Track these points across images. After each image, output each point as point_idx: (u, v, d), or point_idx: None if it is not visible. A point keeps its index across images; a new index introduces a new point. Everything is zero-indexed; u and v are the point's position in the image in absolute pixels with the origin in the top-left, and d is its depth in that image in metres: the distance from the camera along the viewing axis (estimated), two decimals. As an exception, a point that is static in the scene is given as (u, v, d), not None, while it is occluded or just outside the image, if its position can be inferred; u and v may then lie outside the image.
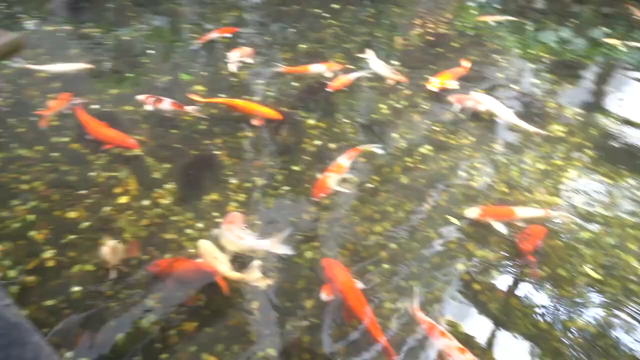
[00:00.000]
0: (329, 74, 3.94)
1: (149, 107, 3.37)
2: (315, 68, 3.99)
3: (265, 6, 5.40)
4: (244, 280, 2.33)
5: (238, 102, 3.51)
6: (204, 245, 2.47)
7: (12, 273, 2.36)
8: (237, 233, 2.51)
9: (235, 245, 2.48)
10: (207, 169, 3.10)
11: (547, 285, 2.56)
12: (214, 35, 4.48)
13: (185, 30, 4.74)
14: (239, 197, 2.89)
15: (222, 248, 2.47)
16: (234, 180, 3.00)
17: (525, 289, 2.54)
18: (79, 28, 4.47)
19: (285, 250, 2.47)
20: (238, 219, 2.63)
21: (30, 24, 4.23)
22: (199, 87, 3.76)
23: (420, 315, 2.29)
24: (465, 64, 4.19)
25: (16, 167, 2.92)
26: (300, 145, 3.31)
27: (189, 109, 3.39)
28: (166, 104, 3.38)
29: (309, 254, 2.58)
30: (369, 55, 4.20)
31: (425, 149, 3.39)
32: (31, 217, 2.65)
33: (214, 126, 3.40)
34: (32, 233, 2.57)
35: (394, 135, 3.48)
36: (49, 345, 1.49)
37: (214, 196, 2.89)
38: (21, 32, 3.60)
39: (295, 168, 3.13)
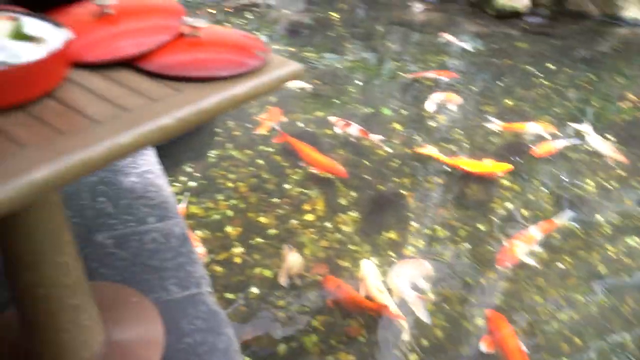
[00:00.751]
0: (543, 136, 3.74)
1: (337, 130, 3.58)
2: (532, 128, 3.81)
3: (474, 55, 5.34)
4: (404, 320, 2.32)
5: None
6: (367, 270, 2.51)
7: (205, 259, 2.63)
8: (404, 277, 2.51)
9: (395, 287, 2.48)
10: (391, 207, 3.12)
11: None
12: (428, 74, 4.54)
13: (392, 67, 4.89)
14: (417, 242, 2.85)
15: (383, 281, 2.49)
16: (414, 224, 2.97)
17: None
18: (299, 51, 4.89)
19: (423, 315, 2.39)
20: (415, 266, 2.60)
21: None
22: (397, 125, 3.83)
23: None
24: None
25: (226, 165, 3.27)
26: (490, 204, 3.16)
27: (374, 137, 3.51)
28: (354, 129, 3.57)
29: (479, 322, 2.43)
30: (585, 125, 3.88)
31: (634, 241, 2.99)
32: (230, 213, 2.93)
33: (405, 165, 3.42)
34: (228, 228, 2.83)
35: (598, 217, 3.14)
36: (238, 341, 1.59)
37: (392, 235, 2.89)
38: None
39: (481, 227, 2.99)
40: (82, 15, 1.16)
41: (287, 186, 3.16)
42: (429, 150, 3.53)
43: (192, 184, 3.11)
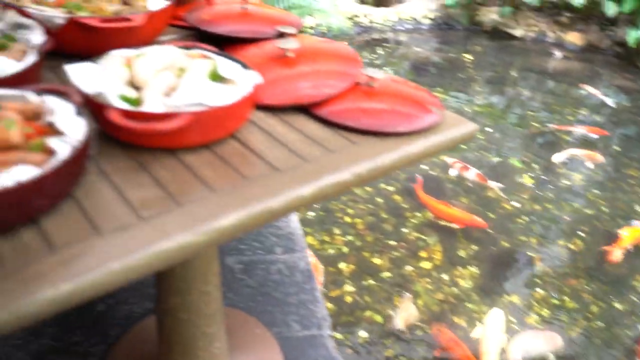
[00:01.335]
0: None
1: (454, 172, 3.45)
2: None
3: (617, 112, 4.92)
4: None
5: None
6: (494, 323, 2.33)
7: (317, 293, 2.60)
8: (530, 348, 2.30)
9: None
10: (515, 267, 2.91)
11: None
12: (576, 129, 4.26)
13: (524, 115, 4.65)
14: (542, 311, 2.62)
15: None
16: (540, 291, 2.73)
17: None
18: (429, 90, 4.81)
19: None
20: (545, 338, 2.38)
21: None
22: (526, 179, 3.60)
23: None
24: None
25: (346, 200, 3.25)
26: (631, 281, 2.83)
27: (493, 184, 3.34)
28: (471, 173, 3.44)
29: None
30: None
31: None
32: (345, 249, 2.89)
33: (534, 224, 3.19)
34: (342, 264, 2.79)
35: None
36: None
37: (515, 299, 2.68)
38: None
39: (618, 306, 2.68)
40: (263, 56, 1.19)
41: (404, 229, 3.06)
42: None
43: (311, 214, 3.13)
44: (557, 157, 3.86)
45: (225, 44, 1.34)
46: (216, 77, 0.96)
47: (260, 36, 1.32)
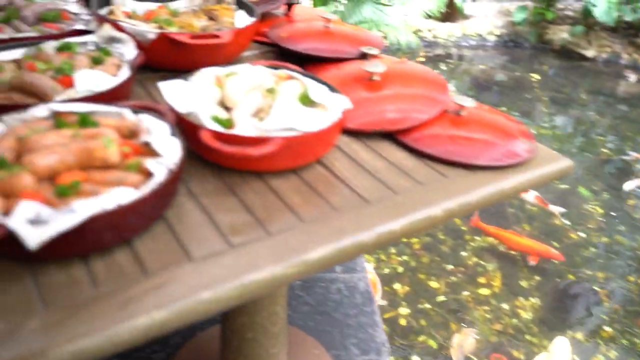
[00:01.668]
0: None
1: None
2: None
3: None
4: None
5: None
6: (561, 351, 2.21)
7: (370, 312, 2.55)
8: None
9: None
10: (580, 302, 2.76)
11: None
12: None
13: (592, 140, 4.44)
14: (609, 352, 2.46)
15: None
16: (608, 329, 2.58)
17: None
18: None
19: None
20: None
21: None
22: (596, 208, 3.42)
23: None
24: None
25: (403, 218, 3.19)
26: None
27: (554, 209, 3.24)
28: (530, 195, 3.33)
29: None
30: None
31: None
32: (400, 269, 2.83)
33: (602, 257, 3.02)
34: (397, 285, 2.73)
35: None
36: None
37: (579, 335, 2.54)
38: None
39: (694, 353, 2.49)
40: (347, 77, 1.17)
41: (463, 253, 2.97)
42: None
43: (367, 230, 3.09)
44: (628, 186, 3.66)
45: (306, 62, 1.33)
46: (307, 100, 0.94)
47: (342, 56, 1.30)
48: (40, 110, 0.80)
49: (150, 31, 1.13)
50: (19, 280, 0.65)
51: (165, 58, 1.18)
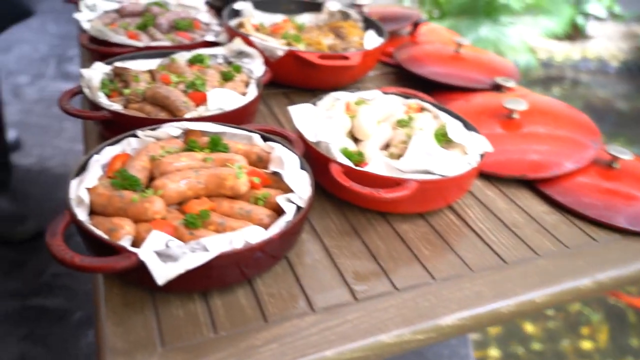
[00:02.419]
0: None
1: None
2: None
3: None
4: None
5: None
6: None
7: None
8: None
9: None
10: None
11: None
12: None
13: None
14: None
15: None
16: None
17: None
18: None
19: None
20: None
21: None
22: None
23: None
24: None
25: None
26: None
27: None
28: None
29: None
30: None
31: None
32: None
33: None
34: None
35: None
36: None
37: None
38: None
39: None
40: (480, 111, 1.07)
41: (566, 297, 2.73)
42: None
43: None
44: None
45: (433, 89, 1.25)
46: (444, 139, 0.86)
47: (474, 86, 1.21)
48: (173, 129, 0.79)
49: (280, 48, 1.11)
50: (141, 309, 0.63)
51: (292, 75, 1.15)
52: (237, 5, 1.33)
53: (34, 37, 3.61)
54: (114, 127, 0.88)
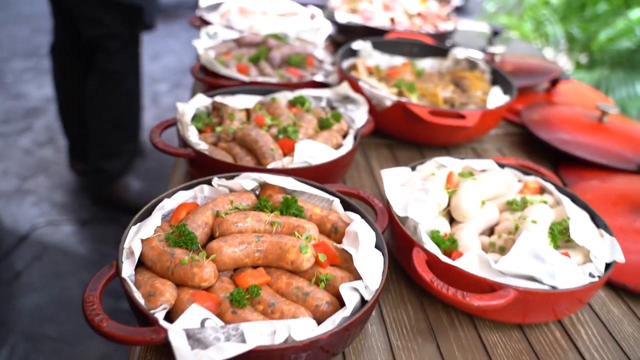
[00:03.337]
0: None
1: None
2: None
3: None
4: None
5: None
6: None
7: None
8: None
9: None
10: None
11: None
12: None
13: None
14: None
15: None
16: None
17: None
18: None
19: None
20: None
21: None
22: None
23: None
24: None
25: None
26: None
27: None
28: None
29: None
30: None
31: None
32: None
33: None
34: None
35: None
36: None
37: None
38: None
39: None
40: (621, 200, 0.88)
41: None
42: None
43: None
44: None
45: (562, 160, 1.07)
46: (562, 236, 0.70)
47: (615, 165, 1.01)
48: (249, 181, 0.73)
49: (388, 97, 1.01)
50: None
51: (399, 127, 1.04)
52: (355, 45, 1.26)
53: (181, 49, 3.88)
54: (199, 166, 0.85)
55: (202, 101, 0.97)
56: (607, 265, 0.68)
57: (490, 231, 0.76)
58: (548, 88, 1.37)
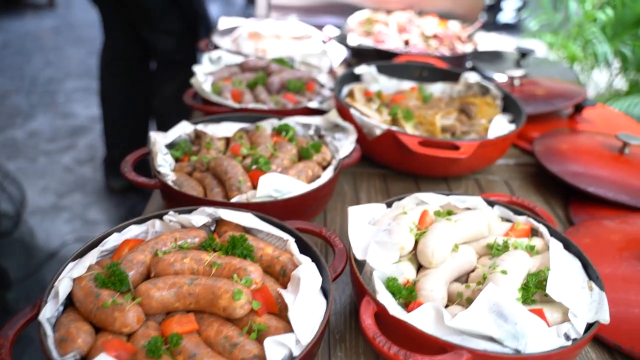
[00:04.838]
0: None
1: None
2: None
3: None
4: None
5: None
6: None
7: None
8: None
9: None
10: None
11: None
12: None
13: None
14: None
15: None
16: None
17: None
18: None
19: None
20: None
21: None
22: None
23: None
24: None
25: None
26: None
27: None
28: None
29: None
30: None
31: None
32: None
33: None
34: None
35: None
36: None
37: None
38: None
39: None
40: (633, 248, 0.78)
41: None
42: None
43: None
44: None
45: (574, 195, 0.97)
46: (538, 289, 0.62)
47: (632, 203, 0.90)
48: (202, 217, 0.69)
49: (378, 126, 0.95)
50: None
51: (391, 157, 0.98)
52: (358, 70, 1.21)
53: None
54: (167, 197, 0.83)
55: (184, 129, 0.95)
56: (590, 325, 0.59)
57: (467, 279, 0.69)
58: (572, 114, 1.27)
